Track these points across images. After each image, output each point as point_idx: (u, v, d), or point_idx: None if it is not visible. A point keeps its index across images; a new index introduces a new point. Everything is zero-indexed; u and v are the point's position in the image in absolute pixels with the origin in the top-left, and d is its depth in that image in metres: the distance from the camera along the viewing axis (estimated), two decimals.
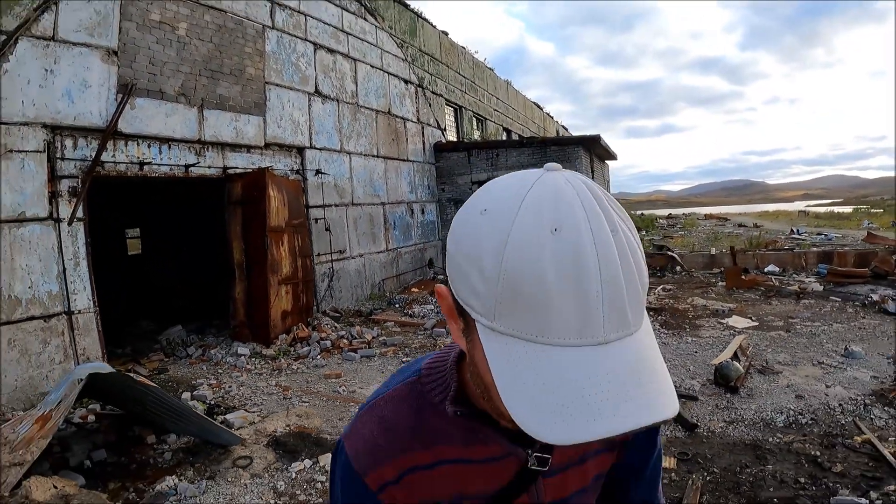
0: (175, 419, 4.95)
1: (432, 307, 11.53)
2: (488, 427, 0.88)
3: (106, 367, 4.81)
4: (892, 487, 4.13)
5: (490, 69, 23.18)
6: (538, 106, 32.93)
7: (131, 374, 5.51)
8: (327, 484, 4.53)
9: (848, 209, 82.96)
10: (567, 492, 0.98)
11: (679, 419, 5.31)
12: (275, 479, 4.61)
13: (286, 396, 6.62)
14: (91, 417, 5.76)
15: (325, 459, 4.85)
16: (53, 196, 6.88)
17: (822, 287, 12.32)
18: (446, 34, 18.45)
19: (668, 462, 4.53)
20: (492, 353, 0.67)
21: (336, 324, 9.85)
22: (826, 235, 26.51)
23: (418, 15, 16.29)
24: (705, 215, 54.46)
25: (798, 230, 30.33)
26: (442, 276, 15.19)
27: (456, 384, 0.90)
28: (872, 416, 5.38)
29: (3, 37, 6.48)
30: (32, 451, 4.20)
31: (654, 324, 9.51)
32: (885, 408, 5.56)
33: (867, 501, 3.92)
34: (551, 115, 36.86)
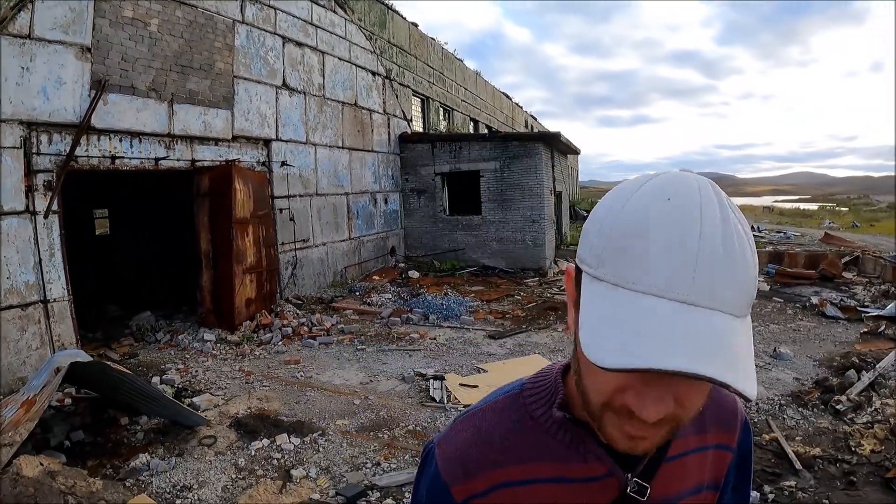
0: (147, 402, 5.40)
1: (390, 296, 12.04)
2: (590, 439, 0.88)
3: (84, 356, 5.24)
4: (789, 483, 4.66)
5: (459, 60, 23.53)
6: (507, 96, 33.35)
7: (107, 363, 5.90)
8: (282, 459, 5.03)
9: (814, 206, 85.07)
10: None
11: None
12: (236, 456, 5.11)
13: (248, 381, 7.08)
14: (68, 401, 6.15)
15: (282, 439, 5.37)
16: (30, 190, 7.15)
17: (769, 287, 12.99)
18: (416, 25, 18.76)
19: None
20: (586, 295, 0.73)
21: (298, 311, 10.29)
22: (785, 234, 27.44)
23: (388, 7, 16.58)
24: None
25: (759, 227, 31.35)
26: (403, 264, 15.66)
27: (563, 392, 0.92)
28: (785, 416, 5.92)
29: None
30: (21, 432, 4.61)
31: None
32: (799, 409, 6.11)
33: (758, 494, 4.46)
34: (520, 104, 37.32)
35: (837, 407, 6.12)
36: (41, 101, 7.23)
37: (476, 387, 6.61)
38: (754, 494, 4.37)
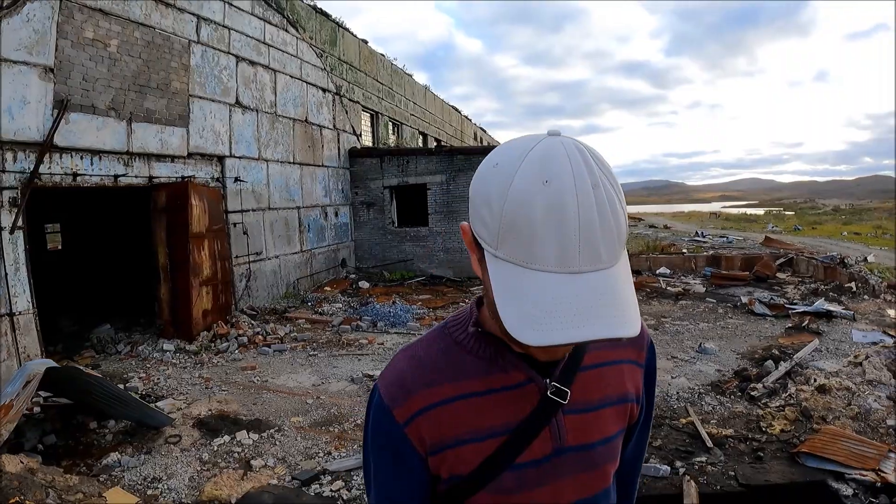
0: (116, 405, 5.84)
1: (341, 305, 12.58)
2: (506, 350, 1.02)
3: (54, 364, 5.66)
4: (700, 459, 5.20)
5: (408, 75, 24.18)
6: (456, 109, 34.13)
7: (80, 367, 6.31)
8: (242, 452, 5.55)
9: (761, 211, 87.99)
10: (590, 438, 1.08)
11: None
12: (200, 451, 5.60)
13: (208, 386, 7.54)
14: (37, 409, 6.51)
15: (241, 435, 5.89)
16: None
17: (705, 289, 13.83)
18: (366, 42, 19.35)
19: None
20: (493, 274, 0.86)
21: (253, 321, 10.74)
22: (728, 238, 28.51)
23: (339, 25, 17.14)
24: None
25: (702, 232, 32.55)
26: (354, 275, 16.16)
27: (476, 315, 1.06)
28: (703, 403, 6.52)
29: None
30: (2, 433, 5.03)
31: None
32: (718, 396, 6.71)
33: (669, 468, 5.02)
34: (469, 117, 38.15)
35: (753, 393, 6.82)
36: (7, 121, 7.53)
37: None
38: (665, 468, 4.87)
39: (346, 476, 4.96)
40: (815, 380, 6.88)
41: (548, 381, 1.02)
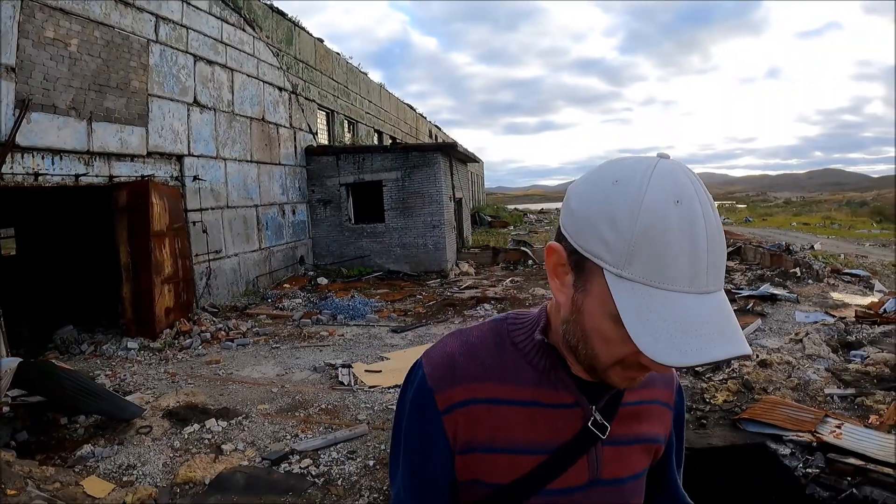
0: (89, 398, 6.04)
1: (301, 301, 12.86)
2: (561, 367, 0.99)
3: (21, 360, 5.85)
4: None
5: (363, 73, 24.40)
6: (411, 107, 34.44)
7: (52, 361, 6.48)
8: (212, 439, 5.81)
9: (715, 204, 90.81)
10: (623, 473, 1.06)
11: None
12: (171, 440, 5.84)
13: (174, 381, 7.74)
14: (6, 409, 6.63)
15: (210, 423, 6.13)
16: None
17: None
18: (321, 41, 19.54)
19: None
20: (619, 295, 0.82)
21: (214, 318, 10.93)
22: None
23: (295, 24, 17.32)
24: None
25: None
26: (312, 272, 16.38)
27: (544, 322, 1.02)
28: None
29: None
30: None
31: (493, 311, 11.23)
32: None
33: None
34: (424, 115, 38.48)
35: (697, 369, 7.36)
36: None
37: (380, 371, 7.60)
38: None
39: (314, 455, 5.28)
40: (757, 356, 7.46)
41: (593, 408, 1.01)
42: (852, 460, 4.64)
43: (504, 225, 35.17)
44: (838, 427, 5.22)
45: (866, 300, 10.93)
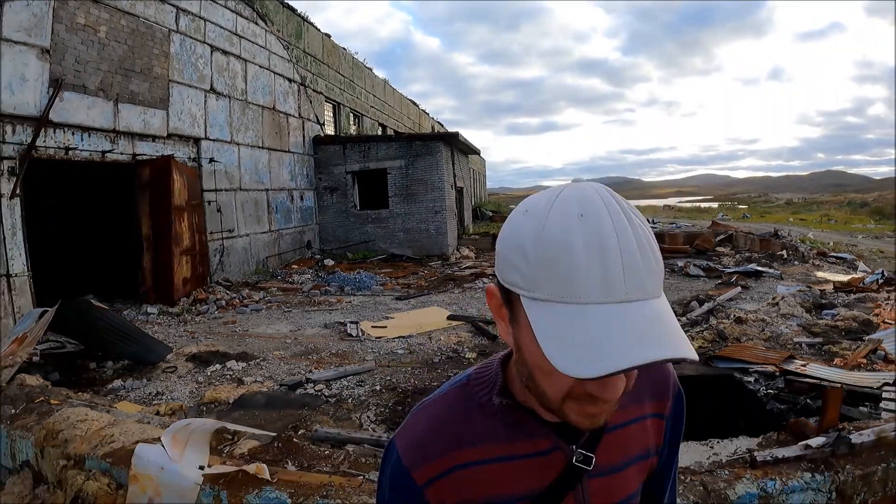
0: (121, 339, 6.74)
1: (309, 276, 13.56)
2: (532, 420, 0.98)
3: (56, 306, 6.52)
4: None
5: (369, 69, 25.15)
6: (414, 103, 35.17)
7: (91, 300, 7.16)
8: (233, 375, 6.51)
9: (715, 205, 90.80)
10: (614, 499, 1.04)
11: (487, 333, 7.68)
12: (196, 376, 6.55)
13: (194, 337, 8.46)
14: (36, 358, 7.25)
15: (231, 364, 6.84)
16: None
17: None
18: (329, 36, 20.30)
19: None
20: (533, 318, 0.81)
21: (228, 290, 11.64)
22: (677, 224, 29.99)
23: (304, 19, 18.08)
24: None
25: (653, 220, 34.06)
26: (319, 255, 17.09)
27: (501, 380, 1.01)
28: None
29: None
30: (20, 356, 5.90)
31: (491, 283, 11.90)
32: None
33: None
34: (427, 111, 39.20)
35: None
36: (7, 96, 8.29)
37: (384, 327, 8.33)
38: None
39: (326, 383, 5.98)
40: (734, 316, 8.15)
41: (574, 447, 1.00)
42: (808, 380, 5.32)
43: (505, 218, 35.68)
44: (803, 366, 5.85)
45: (848, 278, 11.59)
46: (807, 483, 2.84)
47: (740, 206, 74.84)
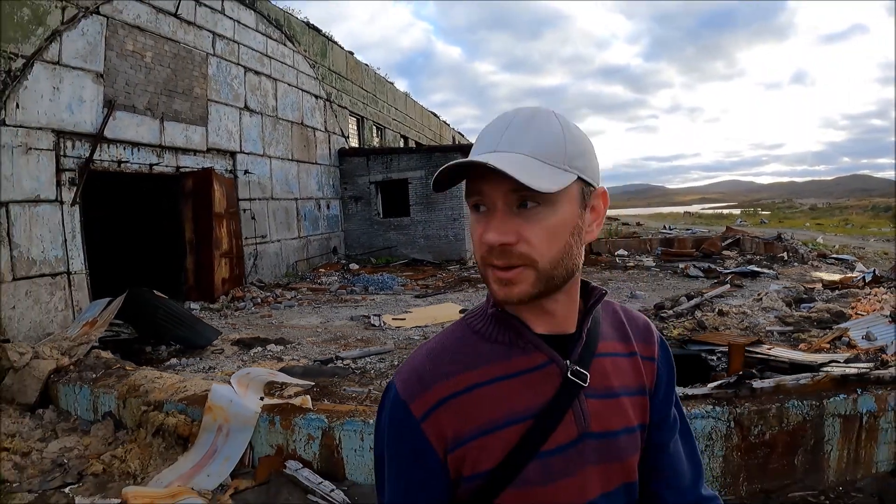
0: (176, 323, 7.74)
1: (336, 278, 14.58)
2: (525, 329, 1.03)
3: (124, 295, 7.53)
4: None
5: (390, 83, 26.25)
6: (434, 114, 36.26)
7: (152, 290, 8.15)
8: (273, 355, 7.46)
9: (737, 211, 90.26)
10: (613, 425, 1.06)
11: None
12: (241, 356, 7.52)
13: (235, 327, 9.44)
14: (95, 345, 8.20)
15: (271, 346, 7.81)
16: (58, 184, 9.32)
17: (655, 264, 15.90)
18: (352, 54, 21.41)
19: None
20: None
21: (262, 290, 12.66)
22: (692, 230, 30.60)
23: (328, 38, 19.20)
24: None
25: (669, 226, 34.61)
26: (344, 260, 18.11)
27: (492, 302, 1.07)
28: None
29: (24, 60, 8.89)
30: (94, 335, 6.91)
31: None
32: None
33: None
34: (447, 122, 40.25)
35: (663, 315, 8.85)
36: (68, 115, 9.37)
37: (404, 319, 9.30)
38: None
39: (353, 360, 6.94)
40: (718, 309, 8.92)
41: (568, 361, 1.02)
42: (757, 356, 6.12)
43: None
44: (769, 349, 6.63)
45: (839, 277, 12.24)
46: (707, 412, 3.70)
47: (763, 213, 74.64)
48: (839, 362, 5.37)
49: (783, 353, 6.23)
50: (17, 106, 8.62)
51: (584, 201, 0.99)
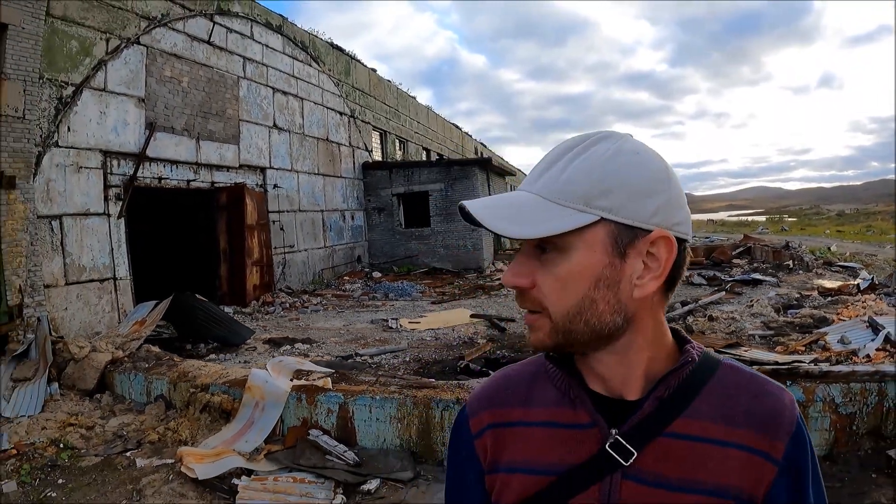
0: (213, 324, 8.60)
1: (359, 286, 15.44)
2: (576, 383, 0.94)
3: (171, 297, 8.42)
4: None
5: (412, 97, 27.16)
6: (456, 126, 37.11)
7: (193, 294, 9.04)
8: (301, 352, 8.28)
9: (763, 219, 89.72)
10: None
11: (499, 327, 9.34)
12: (272, 353, 8.35)
13: (266, 329, 10.31)
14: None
15: (298, 345, 8.66)
16: (106, 199, 10.27)
17: None
18: (374, 71, 22.36)
19: (485, 347, 8.46)
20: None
21: (290, 296, 13.55)
22: (710, 238, 31.02)
23: (352, 57, 20.16)
24: None
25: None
26: (367, 269, 18.98)
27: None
28: None
29: (73, 88, 9.85)
30: (143, 332, 7.77)
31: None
32: None
33: None
34: (470, 133, 41.07)
35: None
36: (114, 136, 10.33)
37: (419, 322, 10.12)
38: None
39: (370, 356, 7.75)
40: (709, 315, 9.54)
41: (614, 431, 0.88)
42: (732, 356, 6.78)
43: None
44: (745, 351, 7.21)
45: (838, 284, 12.69)
46: None
47: (789, 220, 74.14)
48: (803, 362, 5.69)
49: (756, 354, 6.83)
50: (69, 129, 9.58)
51: (617, 247, 0.85)
